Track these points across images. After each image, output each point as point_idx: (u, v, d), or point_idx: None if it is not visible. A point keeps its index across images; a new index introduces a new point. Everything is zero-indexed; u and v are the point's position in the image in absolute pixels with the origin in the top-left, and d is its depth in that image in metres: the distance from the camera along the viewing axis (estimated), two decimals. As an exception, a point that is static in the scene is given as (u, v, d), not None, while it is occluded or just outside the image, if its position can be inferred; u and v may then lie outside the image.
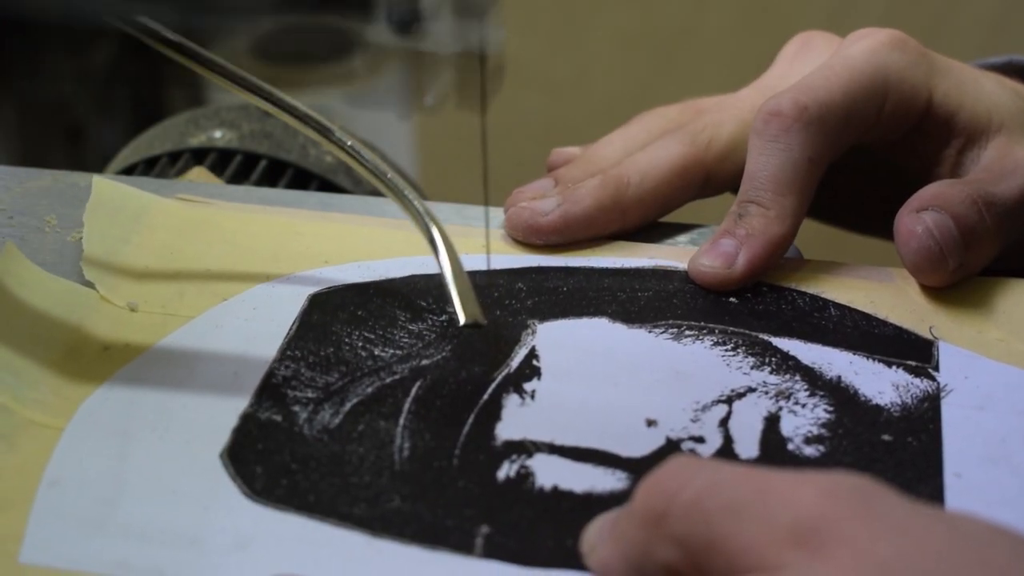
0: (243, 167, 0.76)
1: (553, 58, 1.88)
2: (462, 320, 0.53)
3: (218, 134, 0.80)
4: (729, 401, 0.54)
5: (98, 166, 0.76)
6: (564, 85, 1.89)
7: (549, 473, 0.50)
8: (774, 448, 0.51)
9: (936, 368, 0.55)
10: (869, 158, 0.66)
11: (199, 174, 0.73)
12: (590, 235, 0.62)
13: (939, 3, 0.61)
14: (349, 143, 0.57)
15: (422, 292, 0.59)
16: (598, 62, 1.90)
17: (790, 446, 0.52)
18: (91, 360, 0.55)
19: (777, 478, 0.39)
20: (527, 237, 0.62)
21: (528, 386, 0.54)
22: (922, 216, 0.58)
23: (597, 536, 0.45)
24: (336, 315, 0.58)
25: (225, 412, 0.53)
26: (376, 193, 0.62)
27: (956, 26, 0.62)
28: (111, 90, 1.63)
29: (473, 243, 0.61)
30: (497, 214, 0.63)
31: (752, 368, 0.55)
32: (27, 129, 1.64)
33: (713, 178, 0.65)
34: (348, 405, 0.53)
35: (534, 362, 0.56)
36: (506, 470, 0.50)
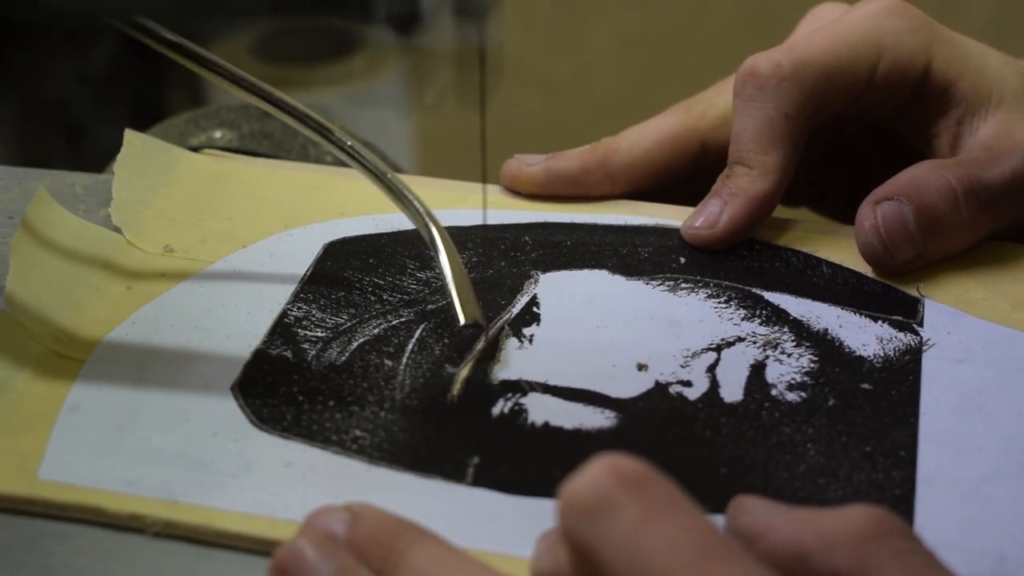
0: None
1: (553, 58, 1.89)
2: (462, 320, 0.54)
3: (218, 134, 0.82)
4: (718, 349, 0.56)
5: (98, 166, 0.78)
6: (564, 85, 1.90)
7: (541, 410, 0.53)
8: (758, 393, 0.54)
9: (920, 324, 0.57)
10: (871, 131, 0.67)
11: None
12: (575, 193, 0.65)
13: (939, 3, 0.62)
14: (349, 143, 0.58)
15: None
16: (598, 62, 1.90)
17: (773, 392, 0.54)
18: (115, 299, 0.59)
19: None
20: (512, 185, 0.65)
21: (527, 331, 0.57)
22: (877, 209, 0.60)
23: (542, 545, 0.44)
24: (348, 262, 0.61)
25: (238, 348, 0.56)
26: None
27: (956, 26, 0.63)
28: (111, 90, 1.64)
29: (475, 199, 0.64)
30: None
31: (743, 319, 0.58)
32: (27, 129, 1.65)
33: (710, 147, 0.66)
34: (355, 344, 0.56)
35: (534, 309, 0.58)
36: (500, 407, 0.53)
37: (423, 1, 0.46)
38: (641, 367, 0.55)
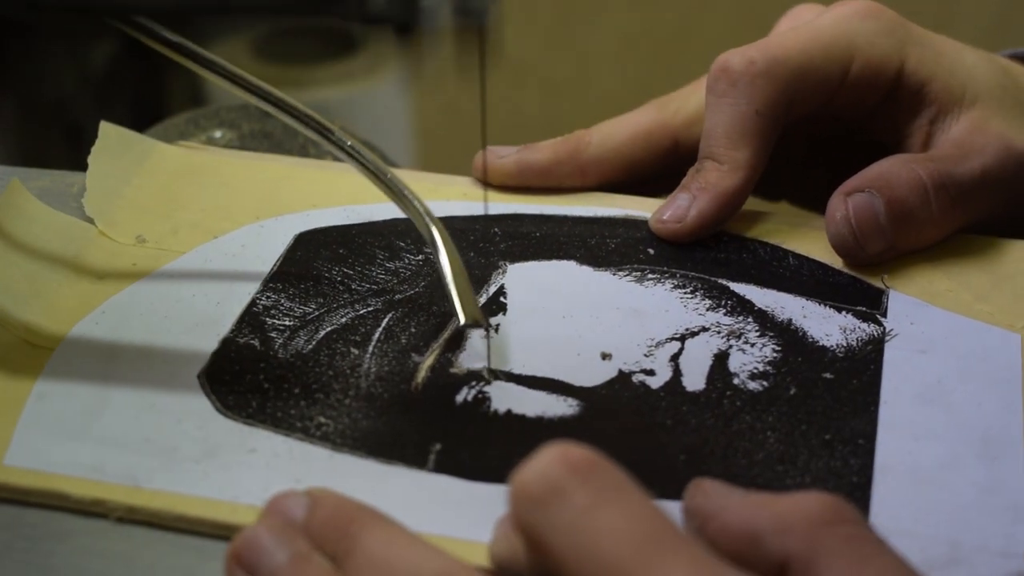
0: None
1: (553, 58, 1.90)
2: (462, 320, 0.55)
3: (218, 134, 0.82)
4: (682, 339, 0.56)
5: None
6: (564, 85, 1.90)
7: (504, 399, 0.53)
8: (719, 382, 0.54)
9: (884, 314, 0.58)
10: (847, 131, 0.68)
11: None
12: (546, 185, 0.65)
13: (939, 3, 0.63)
14: (349, 143, 0.58)
15: (402, 234, 0.62)
16: (598, 62, 1.91)
17: (735, 380, 0.54)
18: (85, 288, 0.59)
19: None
20: (483, 176, 0.65)
21: (493, 320, 0.57)
22: (848, 200, 0.60)
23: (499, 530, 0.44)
24: (319, 252, 0.61)
25: (206, 337, 0.56)
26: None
27: (956, 26, 0.63)
28: (111, 90, 1.64)
29: (454, 191, 0.65)
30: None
31: (708, 309, 0.58)
32: (27, 129, 1.65)
33: (683, 144, 0.67)
34: (322, 333, 0.56)
35: (501, 299, 0.59)
36: (464, 395, 0.53)
37: (423, 1, 0.46)
38: (605, 356, 0.55)
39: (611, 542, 0.37)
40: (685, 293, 0.59)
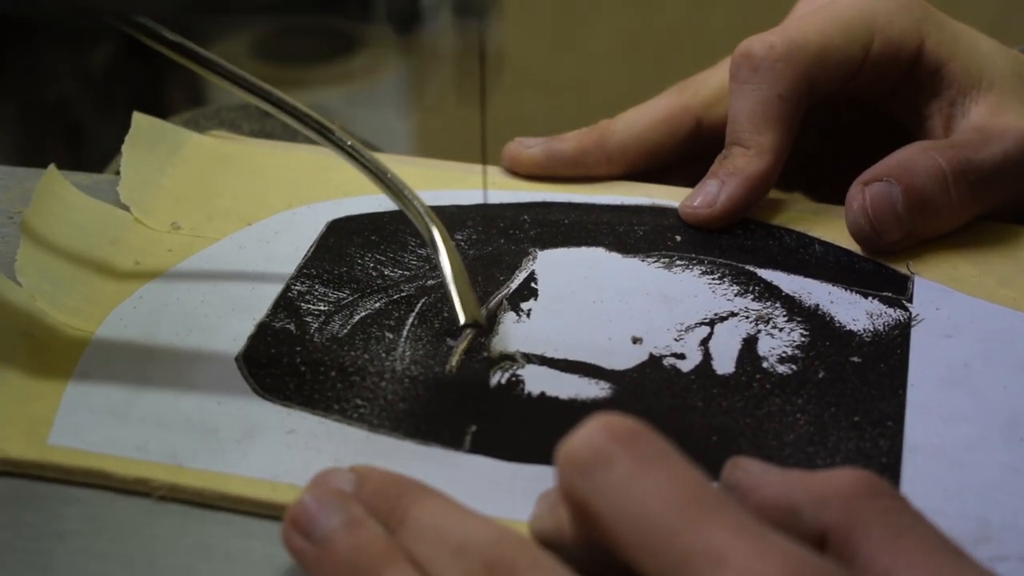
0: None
1: (554, 59, 1.90)
2: (462, 320, 0.55)
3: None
4: (711, 323, 0.57)
5: (98, 166, 0.79)
6: (564, 85, 1.90)
7: (538, 381, 0.54)
8: (749, 366, 0.55)
9: (910, 300, 0.59)
10: (867, 114, 0.69)
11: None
12: (573, 174, 0.66)
13: (939, 3, 0.63)
14: (349, 143, 0.58)
15: None
16: (598, 62, 1.91)
17: (764, 364, 0.55)
18: (123, 274, 0.60)
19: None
20: (512, 166, 0.67)
21: (525, 305, 0.58)
22: (866, 190, 0.61)
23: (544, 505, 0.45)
24: (351, 239, 0.62)
25: (243, 321, 0.57)
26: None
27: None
28: (111, 90, 1.64)
29: (475, 180, 0.66)
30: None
31: (736, 295, 0.59)
32: (27, 129, 1.65)
33: (704, 125, 0.68)
34: (356, 318, 0.57)
35: (532, 284, 0.59)
36: (498, 377, 0.54)
37: (423, 1, 0.47)
38: (636, 340, 0.56)
39: (657, 504, 0.38)
40: (713, 279, 0.60)
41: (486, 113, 0.54)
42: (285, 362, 0.55)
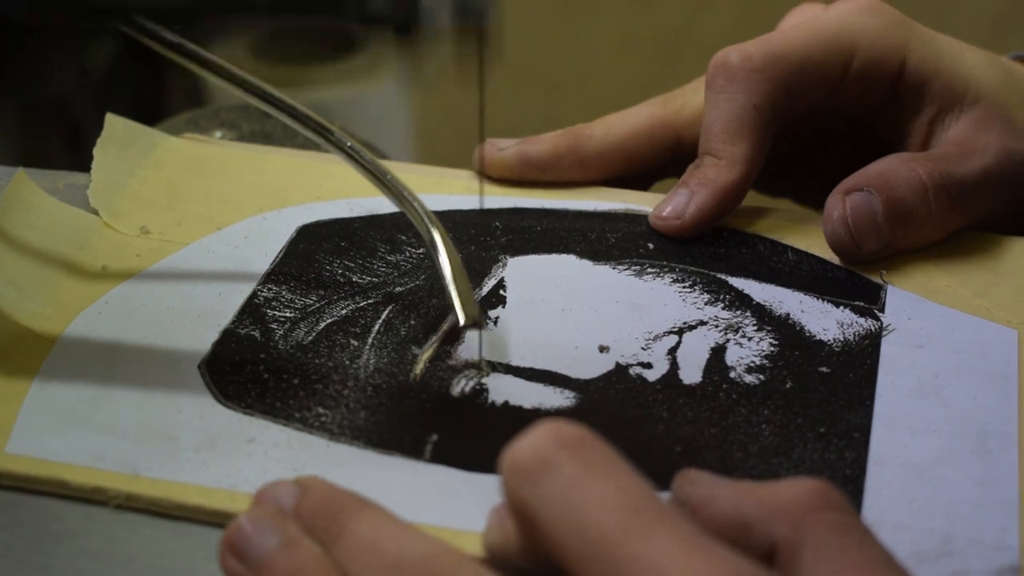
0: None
1: (553, 58, 1.90)
2: (462, 320, 0.54)
3: (218, 134, 0.82)
4: (680, 332, 0.57)
5: None
6: (564, 85, 1.90)
7: (502, 390, 0.54)
8: (716, 375, 0.54)
9: (882, 309, 0.58)
10: (852, 128, 0.68)
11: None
12: (546, 178, 0.66)
13: (939, 3, 0.63)
14: (349, 144, 0.58)
15: (404, 227, 0.63)
16: (598, 62, 1.91)
17: (732, 374, 0.55)
18: (90, 278, 0.59)
19: None
20: (484, 169, 0.66)
21: (493, 313, 0.58)
22: (846, 200, 0.60)
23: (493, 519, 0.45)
24: (321, 245, 0.62)
25: (208, 328, 0.57)
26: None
27: (956, 26, 0.64)
28: (111, 90, 1.63)
29: (458, 185, 0.66)
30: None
31: (706, 304, 0.58)
32: (27, 129, 1.64)
33: (685, 142, 0.67)
34: (322, 325, 0.57)
35: (501, 292, 0.59)
36: (461, 386, 0.54)
37: (423, 1, 0.46)
38: (603, 349, 0.56)
39: (598, 512, 0.38)
40: (684, 287, 0.59)
41: (485, 113, 0.54)
42: (248, 370, 0.54)
